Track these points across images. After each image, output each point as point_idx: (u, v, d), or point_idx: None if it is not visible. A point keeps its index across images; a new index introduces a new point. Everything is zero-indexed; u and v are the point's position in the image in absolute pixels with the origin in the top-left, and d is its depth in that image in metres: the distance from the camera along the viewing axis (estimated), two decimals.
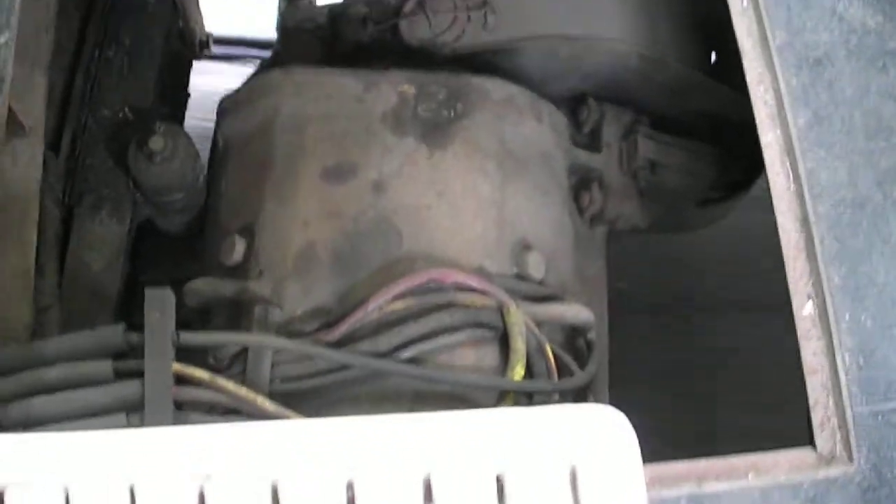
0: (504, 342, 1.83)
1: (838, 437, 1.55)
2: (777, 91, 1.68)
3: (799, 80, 1.68)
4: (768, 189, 1.68)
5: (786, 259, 1.63)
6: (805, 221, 1.62)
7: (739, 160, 2.53)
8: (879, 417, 1.54)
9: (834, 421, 1.56)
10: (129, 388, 1.62)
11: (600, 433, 1.35)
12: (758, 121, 1.69)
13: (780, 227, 1.64)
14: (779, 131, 1.67)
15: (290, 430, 1.35)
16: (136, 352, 1.65)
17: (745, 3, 1.75)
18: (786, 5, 1.72)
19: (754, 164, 1.72)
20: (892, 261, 1.60)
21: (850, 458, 1.54)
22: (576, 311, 1.97)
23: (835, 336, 1.56)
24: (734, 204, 2.75)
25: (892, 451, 1.54)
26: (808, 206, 1.62)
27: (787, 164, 1.66)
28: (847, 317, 1.58)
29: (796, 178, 1.64)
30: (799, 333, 1.60)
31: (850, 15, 1.72)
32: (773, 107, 1.68)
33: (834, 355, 1.56)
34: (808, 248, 1.62)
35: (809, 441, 1.57)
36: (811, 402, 1.57)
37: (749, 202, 2.62)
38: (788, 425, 1.64)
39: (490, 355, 1.85)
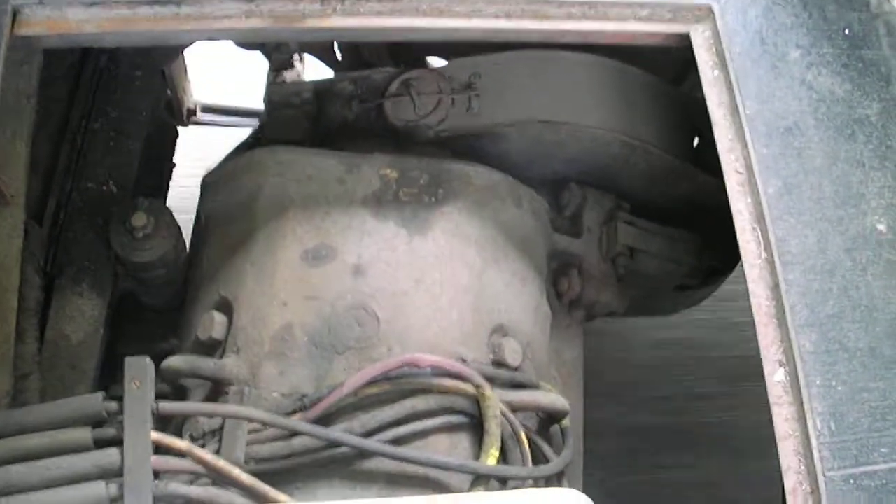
0: (478, 430, 1.93)
1: (810, 502, 1.61)
2: (748, 159, 1.81)
3: (769, 148, 1.81)
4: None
5: (757, 326, 1.72)
6: (776, 288, 1.72)
7: (718, 247, 2.61)
8: (851, 482, 1.60)
9: (806, 486, 1.63)
10: (108, 457, 1.72)
11: None
12: (728, 189, 1.81)
13: (752, 294, 1.74)
14: (749, 199, 1.79)
15: None
16: (115, 420, 1.75)
17: (715, 73, 1.88)
18: (756, 75, 1.85)
19: (733, 251, 1.80)
20: (861, 326, 1.70)
21: None
22: (551, 400, 2.06)
23: (806, 402, 1.64)
24: (711, 291, 2.86)
25: None
26: (778, 274, 1.72)
27: (759, 231, 1.77)
28: (818, 382, 1.66)
29: (767, 245, 1.75)
30: (770, 399, 1.68)
31: (819, 84, 1.85)
32: (743, 175, 1.81)
33: (805, 421, 1.64)
34: (779, 314, 1.71)
35: None
36: (783, 467, 1.64)
37: None
38: None
39: (464, 441, 1.94)
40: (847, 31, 1.91)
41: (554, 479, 1.98)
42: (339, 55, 2.77)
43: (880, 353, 1.70)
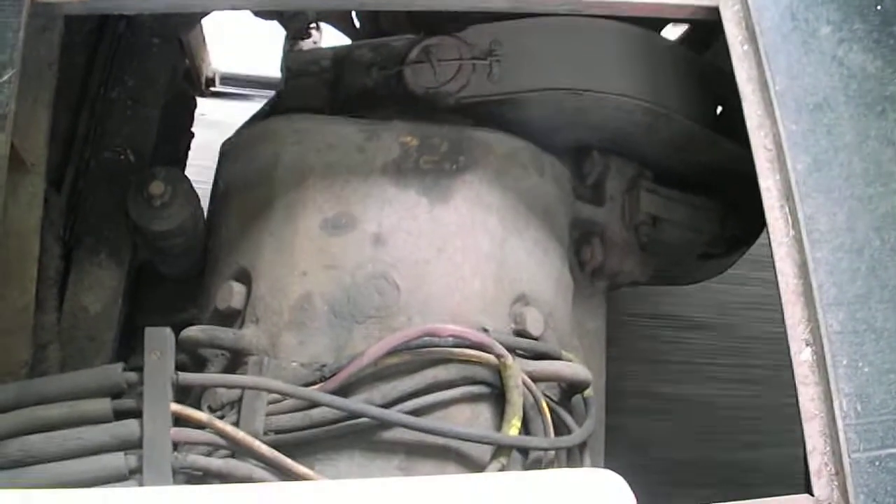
0: (500, 400, 1.92)
1: (835, 483, 1.61)
2: (777, 136, 1.80)
3: (799, 125, 1.79)
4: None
5: (784, 304, 1.71)
6: (804, 267, 1.71)
7: (741, 215, 2.60)
8: (877, 463, 1.60)
9: (831, 467, 1.62)
10: (127, 428, 1.72)
11: (601, 498, 1.45)
12: (757, 166, 1.80)
13: (779, 272, 1.73)
14: (778, 176, 1.78)
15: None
16: (135, 391, 1.75)
17: (745, 48, 1.87)
18: (786, 51, 1.84)
19: (756, 220, 1.79)
20: (890, 306, 1.68)
21: None
22: (574, 370, 2.05)
23: (832, 382, 1.64)
24: (734, 259, 2.85)
25: (890, 497, 1.58)
26: (806, 252, 1.71)
27: (787, 209, 1.76)
28: (844, 362, 1.65)
29: (795, 223, 1.74)
30: (796, 379, 1.67)
31: (849, 60, 1.83)
32: (772, 152, 1.80)
33: (831, 401, 1.63)
34: (807, 293, 1.70)
35: (806, 488, 1.63)
36: (808, 448, 1.64)
37: None
38: None
39: (485, 412, 1.94)
40: (879, 7, 1.89)
41: (576, 450, 1.98)
42: (356, 24, 2.75)
43: None
